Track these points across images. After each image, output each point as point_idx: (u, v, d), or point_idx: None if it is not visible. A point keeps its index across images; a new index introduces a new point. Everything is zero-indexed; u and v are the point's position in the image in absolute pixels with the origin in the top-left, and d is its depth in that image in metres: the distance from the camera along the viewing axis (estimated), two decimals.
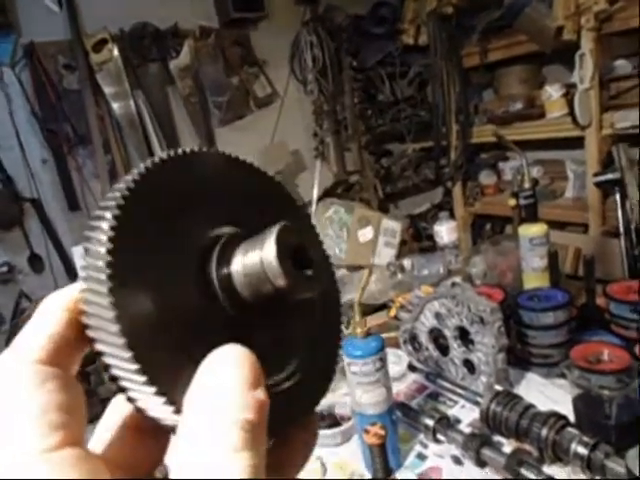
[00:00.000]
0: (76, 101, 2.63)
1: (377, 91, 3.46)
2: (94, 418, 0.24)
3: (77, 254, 2.42)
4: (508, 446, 0.87)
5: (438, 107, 3.05)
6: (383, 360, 0.83)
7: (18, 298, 2.63)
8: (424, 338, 1.14)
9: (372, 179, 3.40)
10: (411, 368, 1.19)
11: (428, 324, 1.12)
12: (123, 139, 2.79)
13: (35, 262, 2.66)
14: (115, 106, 2.71)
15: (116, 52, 2.64)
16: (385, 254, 1.76)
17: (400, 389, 1.12)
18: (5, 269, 2.55)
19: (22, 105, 2.58)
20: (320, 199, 2.98)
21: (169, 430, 0.20)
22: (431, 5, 2.82)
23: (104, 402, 0.24)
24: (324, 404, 1.05)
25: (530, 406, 0.86)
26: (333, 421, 1.02)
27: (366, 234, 1.70)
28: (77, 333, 0.21)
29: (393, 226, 1.76)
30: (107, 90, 2.68)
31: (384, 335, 1.02)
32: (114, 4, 2.69)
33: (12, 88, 2.55)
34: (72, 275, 2.65)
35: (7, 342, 2.65)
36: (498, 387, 0.91)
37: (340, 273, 1.71)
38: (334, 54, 3.20)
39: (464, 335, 1.04)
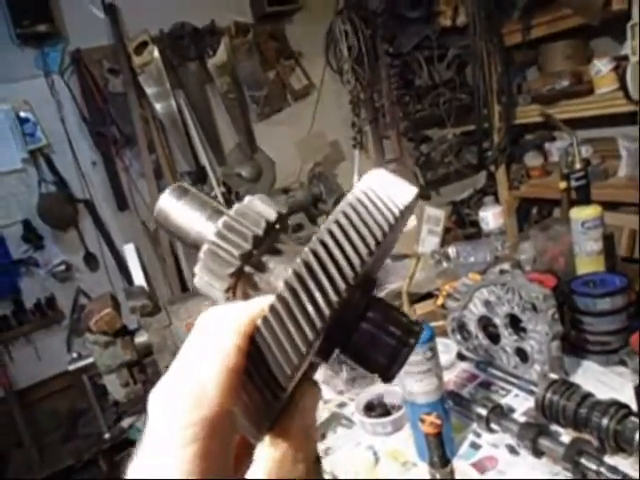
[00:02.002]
0: (121, 104, 2.73)
1: (414, 76, 3.39)
2: None
3: (128, 252, 2.53)
4: (566, 436, 0.85)
5: (479, 89, 2.96)
6: (434, 349, 0.83)
7: (76, 295, 2.78)
8: (473, 326, 1.12)
9: (412, 166, 3.35)
10: (460, 357, 1.17)
11: (477, 312, 1.10)
12: (167, 138, 2.88)
13: (90, 260, 2.80)
14: (158, 106, 2.79)
15: (156, 53, 2.71)
16: (429, 242, 1.74)
17: (450, 378, 1.11)
18: (63, 267, 2.70)
19: (72, 110, 2.70)
20: None
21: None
22: None
23: None
24: (374, 393, 1.06)
25: (588, 395, 0.83)
26: (384, 410, 1.03)
27: (409, 222, 1.69)
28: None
29: (436, 214, 1.73)
30: (149, 91, 2.76)
31: (431, 324, 1.01)
32: (153, 6, 2.77)
33: (62, 95, 2.67)
34: (124, 272, 2.77)
35: (68, 337, 2.81)
36: (553, 375, 0.89)
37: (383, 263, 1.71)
38: (369, 41, 3.16)
39: (515, 323, 1.02)
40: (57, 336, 2.79)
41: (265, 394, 0.20)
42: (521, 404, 0.97)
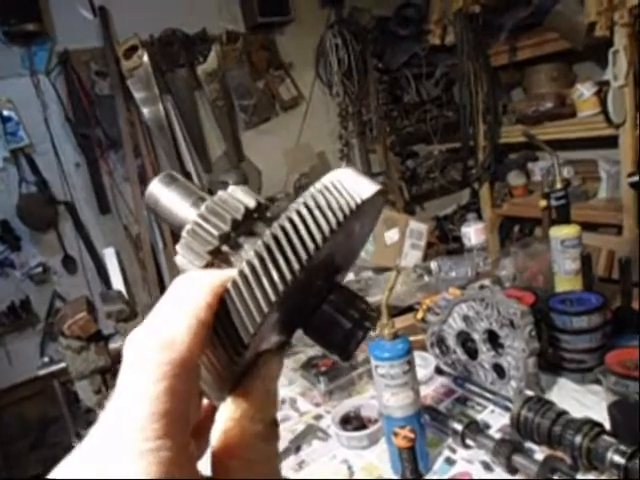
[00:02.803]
0: (108, 107, 2.70)
1: (403, 92, 3.44)
2: None
3: (108, 256, 2.49)
4: (540, 453, 0.85)
5: (465, 107, 3.01)
6: (411, 363, 0.83)
7: (52, 298, 2.72)
8: (452, 341, 1.12)
9: (397, 181, 3.38)
10: (438, 371, 1.17)
11: (456, 327, 1.10)
12: (153, 143, 2.85)
13: (68, 263, 2.74)
14: (145, 111, 2.78)
15: (146, 58, 2.70)
16: (411, 256, 1.75)
17: (427, 393, 1.11)
18: (40, 270, 2.64)
19: (57, 111, 2.67)
20: None
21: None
22: (458, 4, 2.79)
23: None
24: (351, 406, 1.05)
25: (563, 412, 0.84)
26: (360, 424, 1.02)
27: (392, 236, 1.69)
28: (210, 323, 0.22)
29: (420, 228, 1.74)
30: (137, 95, 2.75)
31: (411, 338, 1.01)
32: (145, 11, 2.76)
33: (47, 95, 2.64)
34: (103, 276, 2.72)
35: (42, 341, 2.74)
36: (529, 392, 0.89)
37: (366, 275, 1.71)
38: (359, 56, 3.20)
39: (493, 339, 1.02)
40: (30, 340, 2.72)
41: (229, 350, 0.22)
42: (497, 420, 0.97)
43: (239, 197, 0.27)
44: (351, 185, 0.24)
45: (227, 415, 0.23)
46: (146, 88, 2.75)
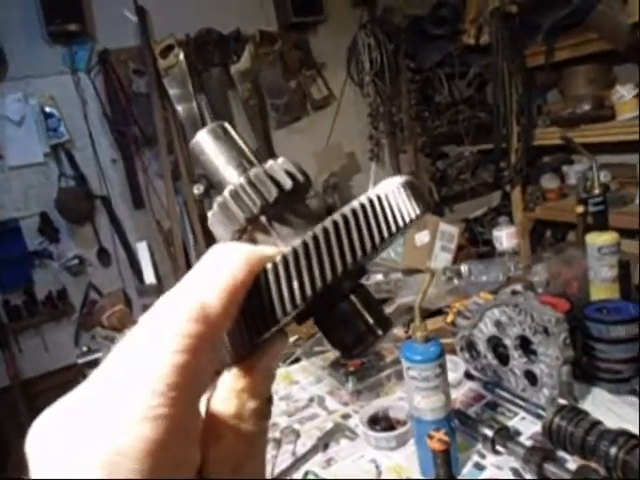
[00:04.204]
0: (144, 104, 2.77)
1: (435, 92, 3.41)
2: None
3: (140, 249, 2.56)
4: (572, 463, 0.83)
5: (499, 108, 2.96)
6: (443, 366, 0.83)
7: (87, 289, 2.81)
8: (482, 346, 1.12)
9: (427, 182, 3.36)
10: (468, 376, 1.16)
11: (487, 332, 1.10)
12: (186, 140, 2.91)
13: (103, 256, 2.83)
14: (179, 108, 2.83)
15: (181, 57, 2.76)
16: (441, 258, 1.74)
17: (456, 397, 1.11)
18: (76, 262, 2.73)
19: (95, 108, 2.76)
20: None
21: None
22: (494, 4, 2.75)
23: None
24: (379, 406, 1.06)
25: (597, 422, 0.82)
26: (388, 424, 1.02)
27: (422, 238, 1.69)
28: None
29: (450, 230, 1.73)
30: (172, 93, 2.80)
31: (441, 341, 1.01)
32: (181, 11, 2.82)
33: (87, 92, 2.72)
34: (135, 269, 2.79)
35: (77, 331, 2.83)
36: (562, 401, 0.88)
37: (395, 276, 1.71)
38: (392, 56, 3.19)
39: (526, 345, 1.01)
40: (66, 329, 2.82)
41: (251, 328, 0.23)
42: (528, 427, 0.96)
43: (289, 170, 0.28)
44: (399, 204, 0.25)
45: (229, 385, 0.24)
46: (181, 86, 2.81)
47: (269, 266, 0.22)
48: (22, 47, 2.56)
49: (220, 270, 0.22)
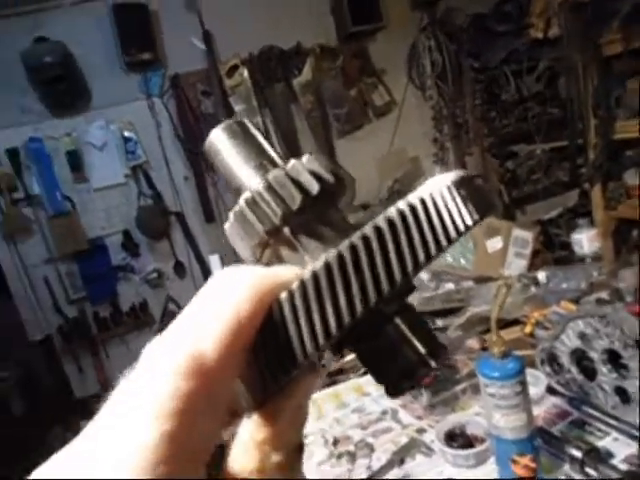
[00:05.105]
0: (212, 123, 2.88)
1: (501, 91, 3.29)
2: None
3: (213, 262, 2.67)
4: None
5: (572, 102, 2.80)
6: (523, 383, 0.79)
7: (166, 301, 2.98)
8: (566, 359, 1.05)
9: (496, 183, 3.24)
10: (550, 391, 1.10)
11: (570, 344, 1.04)
12: None
13: (179, 269, 2.99)
14: None
15: (246, 75, 2.86)
16: (516, 265, 1.66)
17: (538, 413, 1.05)
18: (155, 275, 2.90)
19: (168, 129, 2.93)
20: None
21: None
22: None
23: None
24: (456, 422, 1.03)
25: None
26: (466, 441, 0.99)
27: (495, 244, 1.63)
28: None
29: (524, 236, 1.66)
30: (238, 110, 2.91)
31: (519, 353, 0.96)
32: (244, 31, 2.92)
33: (160, 115, 2.90)
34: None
35: None
36: None
37: (466, 285, 1.66)
38: (454, 57, 3.12)
39: (615, 359, 0.94)
40: (148, 338, 2.95)
41: (266, 372, 0.19)
42: (621, 449, 0.89)
43: (316, 170, 0.23)
44: (454, 208, 0.20)
45: (249, 436, 0.20)
46: (246, 102, 2.92)
47: (283, 296, 0.18)
48: (103, 79, 2.78)
49: (221, 305, 0.18)
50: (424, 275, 1.74)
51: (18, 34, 2.60)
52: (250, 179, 0.24)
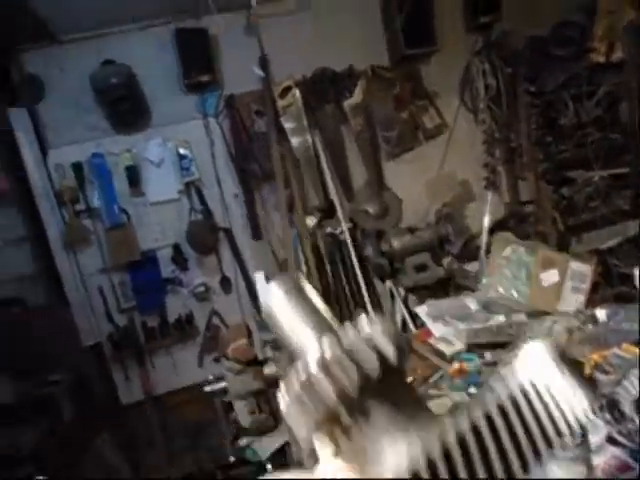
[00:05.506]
0: (263, 143, 2.97)
1: (558, 115, 3.19)
2: None
3: (258, 279, 2.70)
4: None
5: (635, 127, 2.67)
6: (585, 436, 0.75)
7: (210, 315, 3.04)
8: (628, 408, 0.99)
9: (550, 210, 3.12)
10: (610, 440, 1.04)
11: (634, 392, 0.97)
12: (301, 175, 3.05)
13: (225, 284, 3.04)
14: (295, 144, 2.98)
15: (298, 95, 2.91)
16: (572, 300, 1.59)
17: (597, 464, 0.99)
18: (203, 289, 2.98)
19: (221, 148, 3.02)
20: (492, 231, 2.84)
21: None
22: (629, 16, 2.52)
23: None
24: None
25: None
26: None
27: (550, 277, 1.56)
28: None
29: (582, 269, 1.58)
30: (288, 130, 2.96)
31: None
32: (298, 53, 2.99)
33: (215, 134, 3.00)
34: (253, 297, 2.96)
35: (200, 353, 3.06)
36: None
37: (517, 318, 1.60)
38: (509, 80, 3.06)
39: None
40: (191, 350, 3.06)
41: None
42: None
43: (381, 347, 0.22)
44: (570, 399, 0.19)
45: None
46: (297, 123, 2.96)
47: None
48: (164, 99, 2.92)
49: None
50: (473, 305, 1.69)
51: (87, 57, 2.77)
52: (308, 345, 0.25)
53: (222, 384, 1.46)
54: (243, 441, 2.15)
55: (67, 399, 2.39)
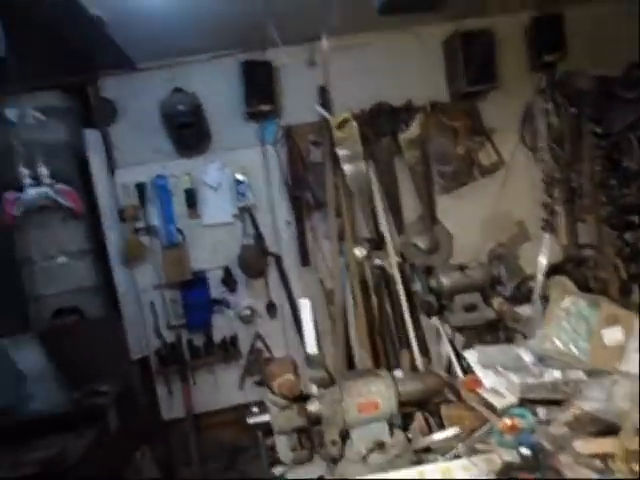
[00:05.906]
0: (318, 172, 3.02)
1: (623, 157, 3.06)
2: None
3: (303, 306, 2.71)
4: None
5: None
6: None
7: (254, 338, 3.07)
8: None
9: (612, 256, 2.97)
10: None
11: None
12: (352, 205, 3.07)
13: (271, 309, 3.08)
14: (348, 174, 3.00)
15: (355, 127, 2.95)
16: (635, 361, 1.49)
17: None
18: (249, 312, 3.03)
19: (276, 175, 3.10)
20: (548, 275, 2.73)
21: None
22: None
23: None
24: None
25: None
26: None
27: (613, 334, 1.48)
28: None
29: None
30: (343, 160, 2.99)
31: None
32: (357, 87, 3.05)
33: (271, 162, 3.09)
34: (297, 324, 2.97)
35: (242, 375, 3.09)
36: None
37: (575, 375, 1.52)
38: (573, 120, 2.98)
39: None
40: (233, 372, 3.10)
41: None
42: None
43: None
44: None
45: None
46: (352, 153, 2.99)
47: None
48: (225, 125, 3.04)
49: None
50: (527, 357, 1.62)
51: (159, 84, 2.94)
52: None
53: (265, 417, 1.46)
54: (278, 469, 2.14)
55: (114, 410, 2.46)
